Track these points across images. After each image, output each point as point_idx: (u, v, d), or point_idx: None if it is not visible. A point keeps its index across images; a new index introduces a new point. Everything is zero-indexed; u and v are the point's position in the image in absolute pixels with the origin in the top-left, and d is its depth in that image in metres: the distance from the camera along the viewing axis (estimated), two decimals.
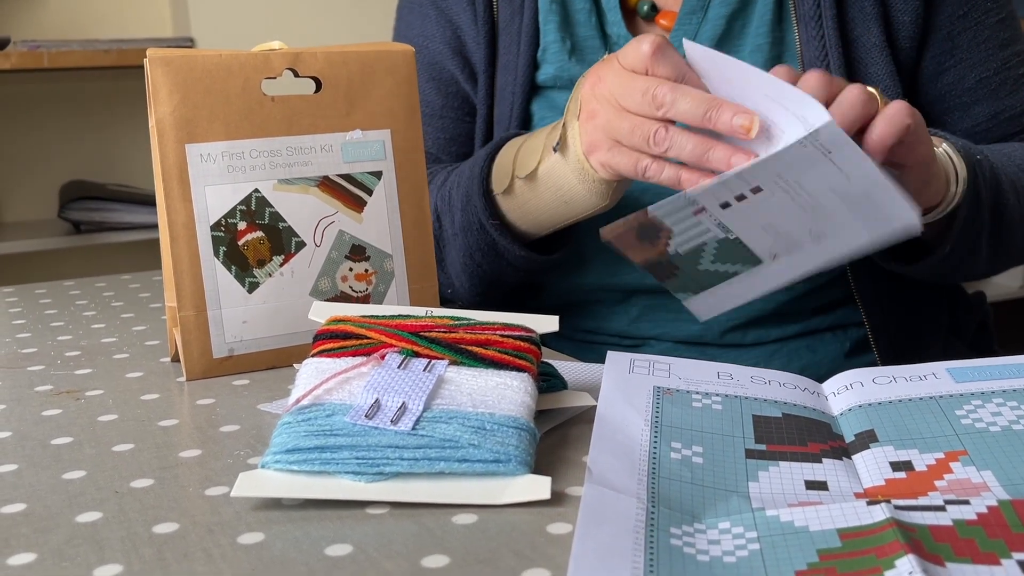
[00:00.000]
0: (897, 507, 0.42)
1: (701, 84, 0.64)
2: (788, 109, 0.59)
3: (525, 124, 0.87)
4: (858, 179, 0.59)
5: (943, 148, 0.71)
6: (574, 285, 0.88)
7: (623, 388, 0.55)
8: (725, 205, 0.62)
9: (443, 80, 0.93)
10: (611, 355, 0.59)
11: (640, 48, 0.64)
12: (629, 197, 0.78)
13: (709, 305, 0.70)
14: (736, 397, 0.55)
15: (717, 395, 0.55)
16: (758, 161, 0.59)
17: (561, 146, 0.71)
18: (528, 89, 0.86)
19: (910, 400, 0.53)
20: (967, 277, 0.85)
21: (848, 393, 0.55)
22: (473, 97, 0.92)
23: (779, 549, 0.40)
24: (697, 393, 0.55)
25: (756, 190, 0.61)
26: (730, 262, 0.66)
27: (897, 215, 0.60)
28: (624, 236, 0.66)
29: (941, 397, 0.53)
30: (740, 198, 0.62)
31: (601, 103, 0.66)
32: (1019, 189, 0.79)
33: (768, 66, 0.82)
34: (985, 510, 0.41)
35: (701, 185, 0.61)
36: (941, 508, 0.42)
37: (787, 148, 0.58)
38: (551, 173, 0.72)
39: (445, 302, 0.91)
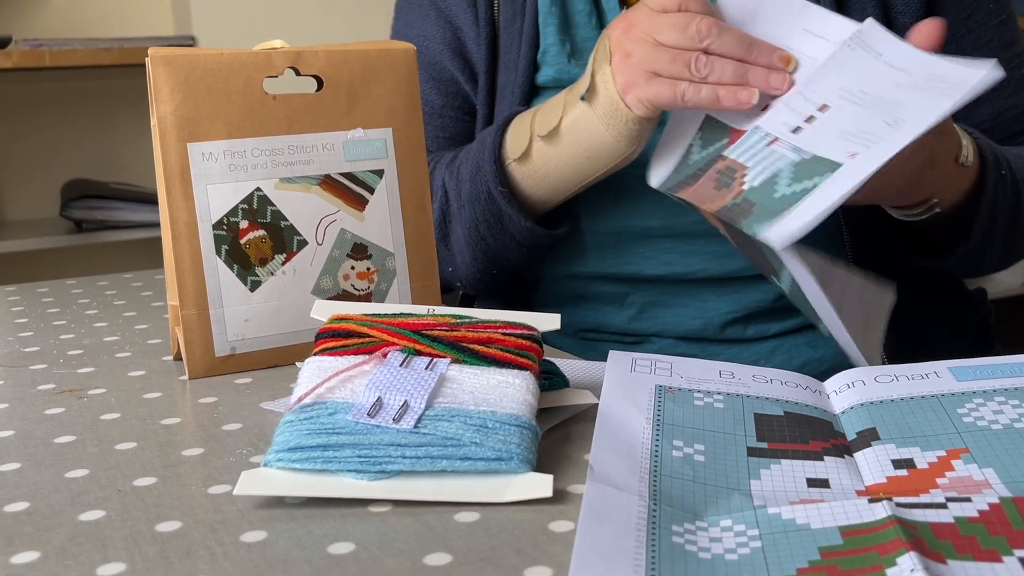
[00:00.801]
0: (898, 504, 0.42)
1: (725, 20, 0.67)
2: (827, 38, 0.63)
3: None
4: (917, 68, 0.61)
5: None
6: (571, 274, 0.88)
7: (625, 386, 0.55)
8: (796, 130, 0.63)
9: (443, 80, 0.93)
10: (613, 354, 0.59)
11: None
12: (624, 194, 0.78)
13: (789, 228, 0.65)
14: (738, 395, 0.55)
15: (719, 393, 0.55)
16: (816, 71, 0.63)
17: (590, 94, 0.72)
18: (527, 90, 0.87)
19: (912, 398, 0.53)
20: (985, 270, 0.85)
21: (850, 391, 0.55)
22: (473, 97, 0.93)
23: (781, 547, 0.40)
24: (699, 391, 0.55)
25: (823, 108, 0.62)
26: (807, 179, 0.65)
27: (971, 75, 0.60)
28: (700, 189, 0.66)
29: (943, 395, 0.53)
30: (810, 119, 0.63)
31: (636, 43, 0.68)
32: None
33: None
34: (987, 507, 0.41)
35: (771, 111, 0.64)
36: (942, 505, 0.42)
37: (839, 52, 0.61)
38: (575, 126, 0.73)
39: (446, 289, 0.91)
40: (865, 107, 0.62)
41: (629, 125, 0.71)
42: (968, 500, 0.42)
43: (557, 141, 0.75)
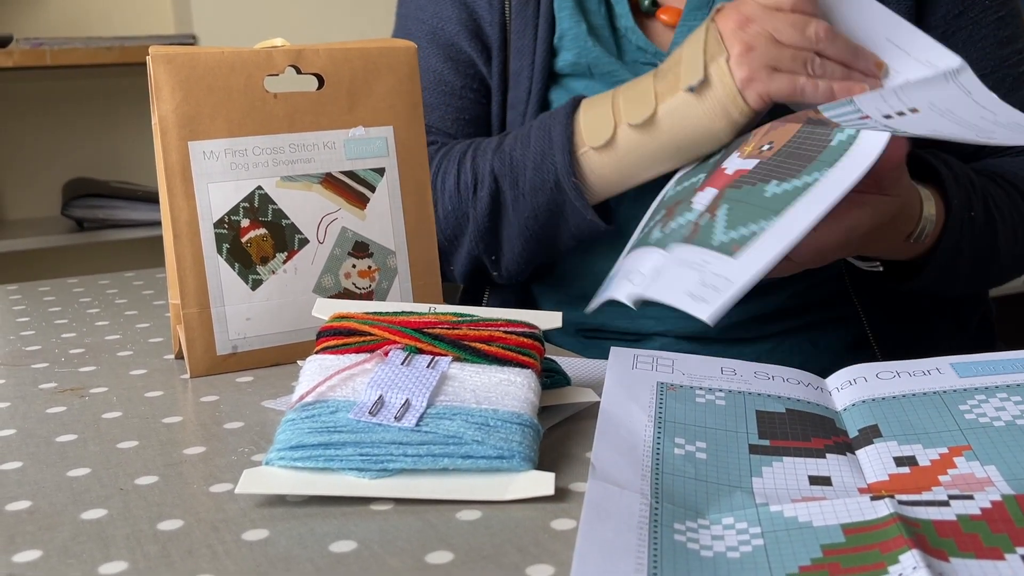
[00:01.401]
0: (901, 502, 0.42)
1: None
2: (910, 55, 0.70)
3: (543, 112, 0.86)
4: (1001, 112, 0.66)
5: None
6: (575, 273, 0.88)
7: (626, 384, 0.55)
8: (887, 116, 0.66)
9: (461, 61, 0.92)
10: (614, 351, 0.59)
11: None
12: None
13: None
14: (740, 392, 0.55)
15: (721, 391, 0.55)
16: (912, 82, 0.69)
17: (702, 85, 0.73)
18: (546, 76, 0.86)
19: (913, 395, 0.53)
20: (960, 291, 0.86)
21: (851, 388, 0.55)
22: (489, 79, 0.92)
23: (783, 545, 0.40)
24: (700, 389, 0.55)
25: (914, 111, 0.66)
26: None
27: None
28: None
29: (945, 392, 0.53)
30: (900, 114, 0.66)
31: (756, 39, 0.71)
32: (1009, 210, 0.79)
33: None
34: (989, 505, 0.41)
35: (869, 92, 0.68)
36: (945, 503, 0.42)
37: (933, 77, 0.68)
38: (672, 115, 0.74)
39: (484, 280, 0.90)
40: (952, 121, 0.65)
41: (741, 118, 0.73)
42: (970, 498, 0.42)
43: (652, 129, 0.75)
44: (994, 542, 0.38)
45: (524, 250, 0.84)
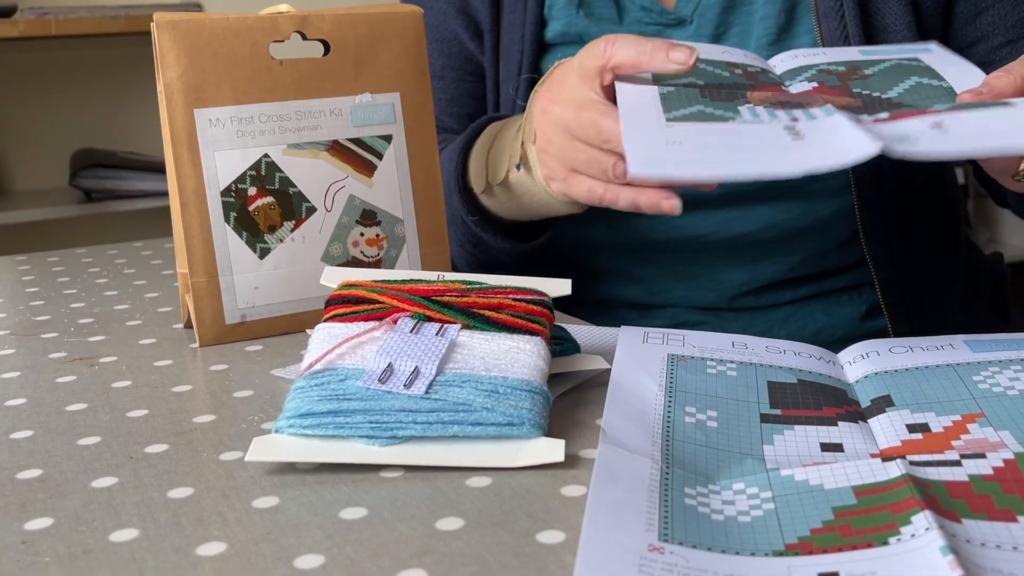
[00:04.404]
0: (912, 463, 0.42)
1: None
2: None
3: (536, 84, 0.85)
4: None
5: None
6: (582, 244, 0.88)
7: (637, 356, 0.54)
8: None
9: (445, 40, 0.92)
10: (624, 329, 0.59)
11: (596, 45, 0.61)
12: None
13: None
14: (751, 364, 0.54)
15: (732, 362, 0.54)
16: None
17: (524, 165, 0.70)
18: (536, 48, 0.85)
19: (927, 367, 0.53)
20: None
21: (864, 362, 0.55)
22: (478, 56, 0.91)
23: (794, 508, 0.40)
24: (712, 360, 0.55)
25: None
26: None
27: None
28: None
29: (958, 365, 0.52)
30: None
31: (553, 131, 0.64)
32: None
33: (784, 16, 0.81)
34: (1002, 464, 0.41)
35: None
36: (956, 463, 0.42)
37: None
38: (520, 182, 0.71)
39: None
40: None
41: (566, 201, 0.68)
42: (983, 457, 0.42)
43: (509, 190, 0.73)
44: (1007, 503, 0.38)
45: (471, 269, 0.84)
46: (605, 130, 0.60)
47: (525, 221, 0.79)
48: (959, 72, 0.66)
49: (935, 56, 0.69)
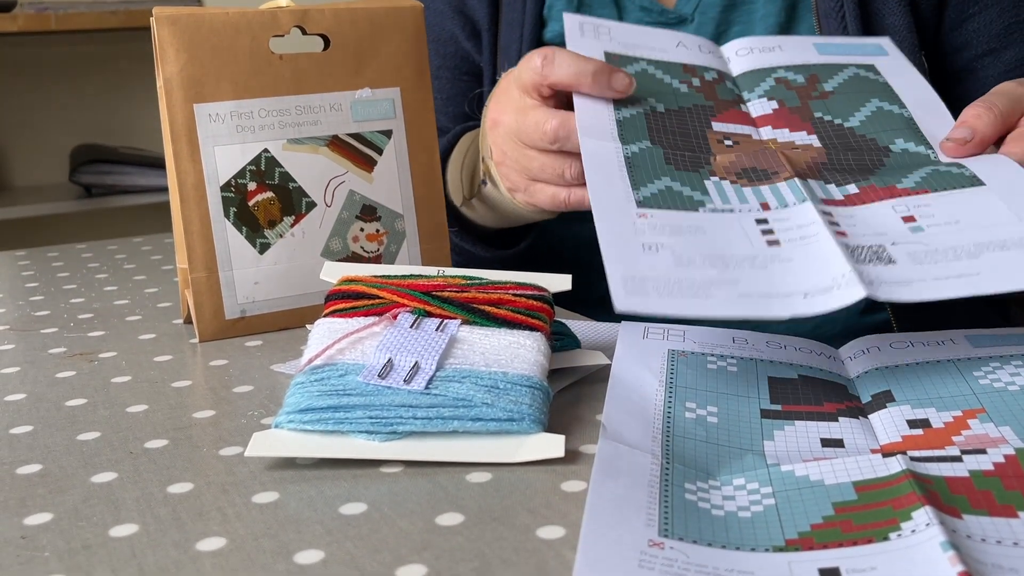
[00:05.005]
0: (913, 459, 0.42)
1: (605, 68, 0.61)
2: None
3: None
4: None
5: None
6: (580, 240, 0.87)
7: (637, 351, 0.54)
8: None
9: (441, 40, 0.92)
10: (624, 324, 0.59)
11: (532, 61, 0.61)
12: None
13: None
14: (751, 359, 0.54)
15: (732, 357, 0.54)
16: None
17: (489, 180, 0.71)
18: (535, 48, 0.85)
19: (927, 363, 0.52)
20: None
21: (865, 357, 0.55)
22: (475, 56, 0.91)
23: (794, 503, 0.39)
24: (712, 355, 0.54)
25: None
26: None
27: None
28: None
29: (959, 360, 0.52)
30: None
31: (505, 143, 0.65)
32: None
33: (784, 15, 0.81)
34: (1002, 459, 0.41)
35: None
36: (957, 459, 0.42)
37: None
38: (491, 196, 0.72)
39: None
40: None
41: (537, 212, 0.69)
42: (983, 452, 0.42)
43: (483, 202, 0.74)
44: (1007, 499, 0.38)
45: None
46: (549, 131, 0.60)
47: (508, 228, 0.80)
48: (912, 88, 0.66)
49: (890, 63, 0.69)
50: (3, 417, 0.54)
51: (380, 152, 0.70)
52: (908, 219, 0.53)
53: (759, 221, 0.54)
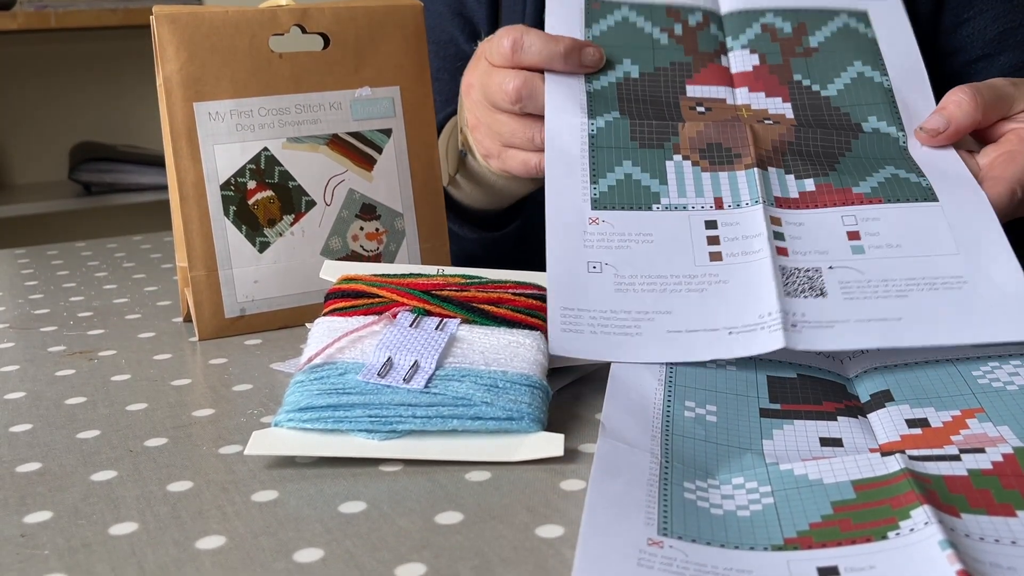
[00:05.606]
0: (911, 457, 0.42)
1: (577, 45, 0.63)
2: None
3: None
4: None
5: None
6: None
7: None
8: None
9: (441, 42, 0.92)
10: None
11: (500, 43, 0.63)
12: None
13: None
14: (751, 359, 0.54)
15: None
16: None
17: (467, 150, 0.71)
18: None
19: (926, 363, 0.53)
20: None
21: (863, 357, 0.55)
22: None
23: (793, 502, 0.40)
24: None
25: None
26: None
27: None
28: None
29: (958, 360, 0.52)
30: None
31: (479, 110, 0.66)
32: None
33: None
34: (1000, 458, 0.41)
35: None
36: (956, 458, 0.42)
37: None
38: (474, 168, 0.73)
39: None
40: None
41: (514, 181, 0.69)
42: (982, 451, 0.42)
43: (468, 178, 0.74)
44: (1005, 498, 0.38)
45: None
46: (511, 91, 0.61)
47: (496, 212, 0.80)
48: (898, 47, 0.65)
49: (884, 8, 0.68)
50: (3, 415, 0.54)
51: (380, 151, 0.70)
52: (853, 235, 0.55)
53: (708, 224, 0.56)
